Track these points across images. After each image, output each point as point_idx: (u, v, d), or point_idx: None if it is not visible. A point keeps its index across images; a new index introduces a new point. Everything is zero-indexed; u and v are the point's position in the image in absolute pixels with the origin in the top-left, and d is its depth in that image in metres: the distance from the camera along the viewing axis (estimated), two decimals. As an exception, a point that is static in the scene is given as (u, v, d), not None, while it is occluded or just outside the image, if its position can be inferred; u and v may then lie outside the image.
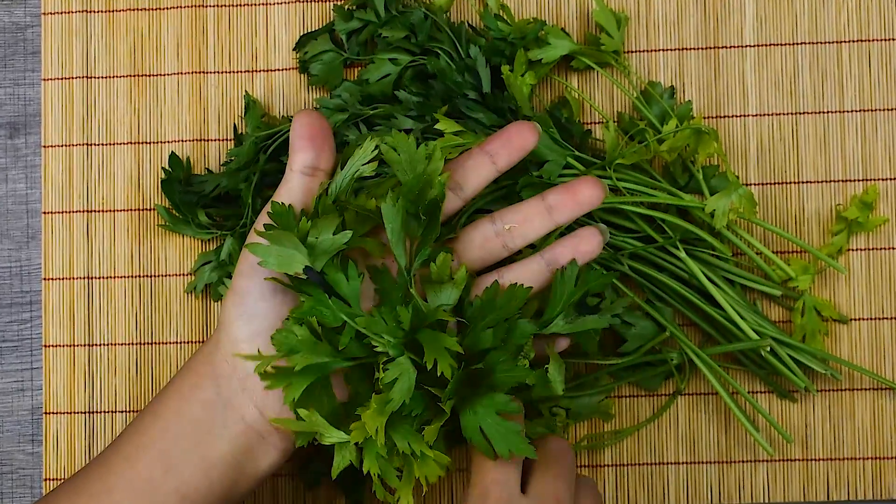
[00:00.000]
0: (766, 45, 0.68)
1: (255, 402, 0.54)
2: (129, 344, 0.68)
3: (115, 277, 0.69)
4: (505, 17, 0.65)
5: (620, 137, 0.64)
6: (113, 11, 0.69)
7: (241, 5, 0.69)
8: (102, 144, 0.69)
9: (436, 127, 0.60)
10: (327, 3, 0.69)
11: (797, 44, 0.68)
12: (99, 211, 0.69)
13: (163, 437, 0.54)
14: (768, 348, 0.62)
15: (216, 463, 0.53)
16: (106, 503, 0.53)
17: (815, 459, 0.66)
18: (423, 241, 0.54)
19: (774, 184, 0.67)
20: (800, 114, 0.67)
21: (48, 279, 0.69)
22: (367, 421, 0.51)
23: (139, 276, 0.69)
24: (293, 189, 0.55)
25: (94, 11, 0.70)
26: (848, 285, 0.67)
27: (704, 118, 0.67)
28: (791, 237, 0.63)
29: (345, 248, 0.52)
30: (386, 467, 0.52)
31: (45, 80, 0.69)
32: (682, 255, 0.62)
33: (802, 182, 0.67)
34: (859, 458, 0.66)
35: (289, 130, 0.57)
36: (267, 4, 0.69)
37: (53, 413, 0.68)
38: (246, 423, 0.54)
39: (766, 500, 0.66)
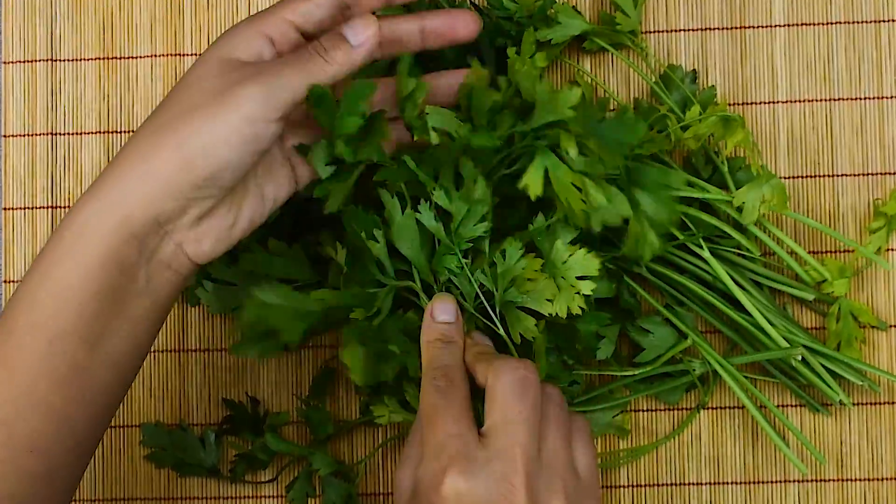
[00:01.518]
0: (797, 25, 0.67)
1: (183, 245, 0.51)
2: (98, 353, 0.65)
3: (83, 280, 0.66)
4: (511, -6, 0.65)
5: (638, 126, 0.65)
6: (80, -12, 0.70)
7: (221, -19, 0.70)
8: (69, 134, 0.68)
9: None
10: (315, -22, 0.69)
11: (831, 23, 0.67)
12: (65, 207, 0.68)
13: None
14: (800, 357, 0.61)
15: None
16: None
17: (852, 479, 0.65)
18: None
19: (806, 177, 0.67)
20: (834, 100, 0.67)
21: (9, 282, 0.67)
22: None
23: (109, 279, 0.66)
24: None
25: (60, -12, 0.70)
26: (887, 288, 0.66)
27: (730, 105, 0.67)
28: (832, 232, 0.63)
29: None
30: None
31: (5, 63, 0.69)
32: (706, 254, 0.61)
33: (837, 175, 0.67)
34: (900, 478, 0.66)
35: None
36: (249, -20, 0.70)
37: (15, 429, 0.65)
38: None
39: (798, 524, 0.67)
